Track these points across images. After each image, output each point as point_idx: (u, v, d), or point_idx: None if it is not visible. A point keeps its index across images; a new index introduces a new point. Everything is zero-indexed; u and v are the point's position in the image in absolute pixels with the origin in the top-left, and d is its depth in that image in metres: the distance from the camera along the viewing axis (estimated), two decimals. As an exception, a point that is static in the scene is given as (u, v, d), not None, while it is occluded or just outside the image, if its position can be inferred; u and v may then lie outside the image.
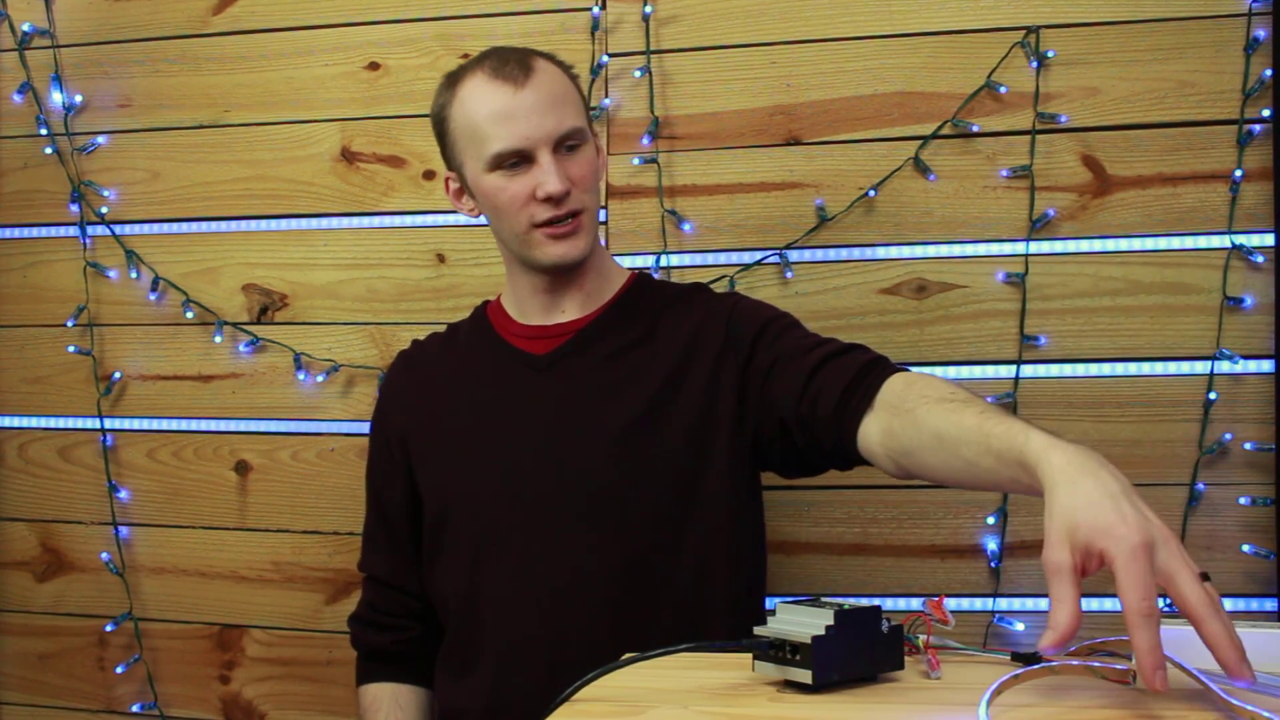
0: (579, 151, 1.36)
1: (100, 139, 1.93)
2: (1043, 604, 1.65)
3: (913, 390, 1.18)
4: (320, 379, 1.85)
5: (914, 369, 1.27)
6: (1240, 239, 1.61)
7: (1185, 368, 1.62)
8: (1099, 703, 0.92)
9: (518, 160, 1.34)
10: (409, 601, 1.49)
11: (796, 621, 0.99)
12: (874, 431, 1.20)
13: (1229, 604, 1.60)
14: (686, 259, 1.74)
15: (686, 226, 1.74)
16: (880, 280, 1.69)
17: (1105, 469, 0.91)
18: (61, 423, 1.95)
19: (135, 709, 1.92)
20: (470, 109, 1.35)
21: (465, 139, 1.36)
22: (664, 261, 1.74)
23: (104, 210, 1.92)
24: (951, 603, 1.60)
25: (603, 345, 1.40)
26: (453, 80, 1.39)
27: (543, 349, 1.41)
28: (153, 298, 1.91)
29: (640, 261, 1.75)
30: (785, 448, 1.33)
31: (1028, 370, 1.65)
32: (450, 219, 1.82)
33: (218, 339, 1.88)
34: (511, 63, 1.34)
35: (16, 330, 1.97)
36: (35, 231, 1.96)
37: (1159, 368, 1.63)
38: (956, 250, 1.68)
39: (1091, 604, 1.64)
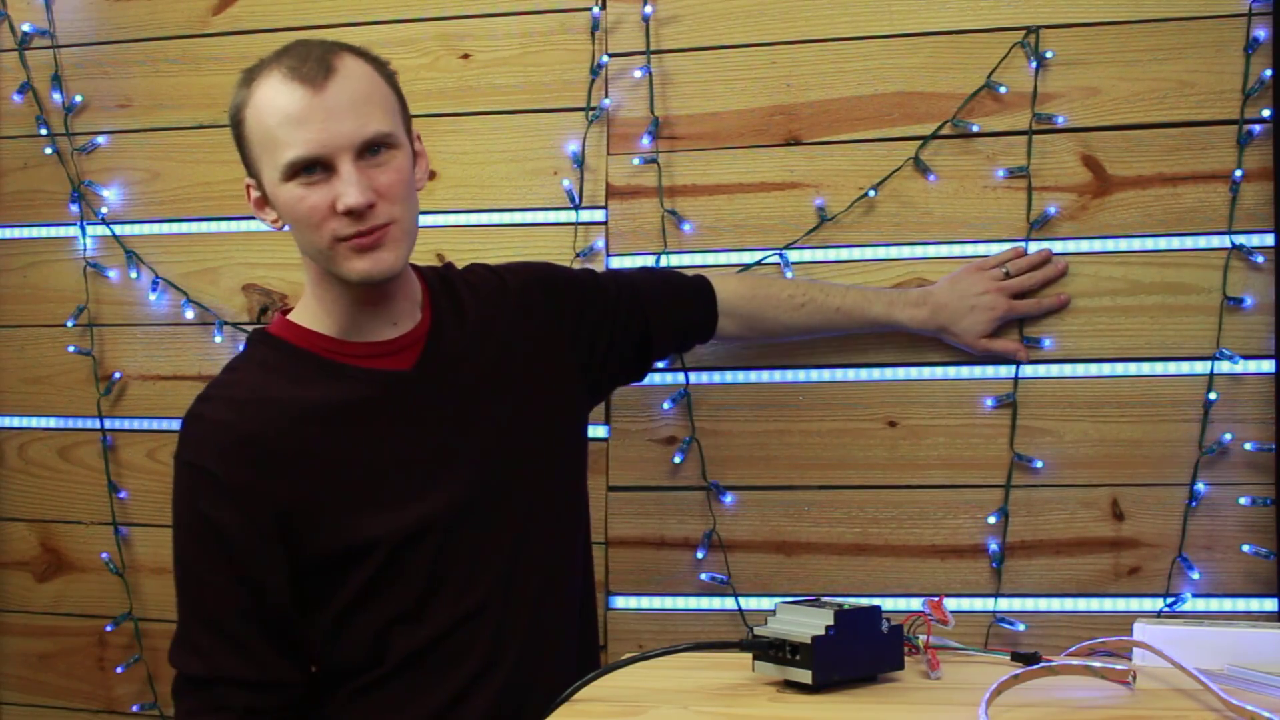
0: (388, 158, 1.26)
1: (100, 139, 1.93)
2: (1043, 604, 1.65)
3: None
4: (320, 379, 1.85)
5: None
6: (1240, 239, 1.61)
7: (1185, 368, 1.62)
8: (1099, 703, 0.92)
9: (315, 168, 1.23)
10: (291, 693, 1.32)
11: (796, 621, 1.00)
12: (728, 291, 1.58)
13: (1229, 604, 1.61)
14: (686, 259, 1.74)
15: (686, 226, 1.74)
16: (880, 280, 1.69)
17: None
18: (61, 423, 1.95)
19: (135, 709, 1.92)
20: (264, 112, 1.24)
21: (260, 145, 1.26)
22: (664, 261, 1.74)
23: (104, 210, 1.92)
24: (951, 603, 1.60)
25: (452, 345, 1.37)
26: (249, 77, 1.28)
27: (404, 363, 1.33)
28: (153, 298, 1.91)
29: (640, 262, 1.75)
30: (638, 350, 1.53)
31: (1028, 370, 1.65)
32: (450, 219, 1.82)
33: (218, 339, 1.88)
34: (311, 60, 1.24)
35: (16, 330, 1.97)
36: (35, 231, 1.96)
37: (1159, 368, 1.63)
38: (956, 250, 1.68)
39: (1092, 604, 1.64)
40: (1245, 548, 1.61)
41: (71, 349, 1.93)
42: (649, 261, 1.75)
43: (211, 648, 1.28)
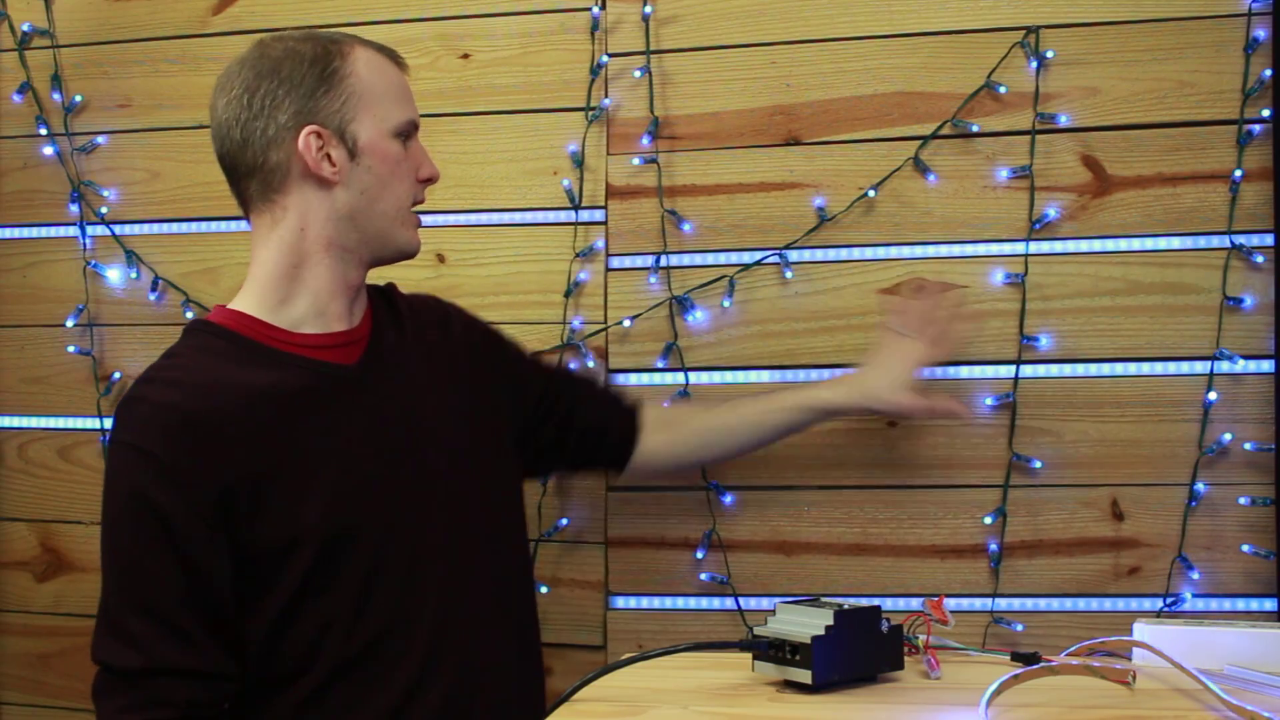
0: None
1: (100, 139, 1.93)
2: (1042, 604, 1.65)
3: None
4: (320, 379, 1.85)
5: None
6: (1240, 239, 1.61)
7: (1185, 368, 1.62)
8: (1099, 703, 0.93)
9: (409, 136, 1.36)
10: (229, 689, 1.27)
11: (796, 621, 1.00)
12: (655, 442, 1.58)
13: (1229, 604, 1.61)
14: (686, 259, 1.74)
15: (686, 226, 1.74)
16: (880, 280, 1.69)
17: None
18: (61, 423, 1.95)
19: (135, 709, 1.92)
20: (375, 72, 1.34)
21: (369, 96, 1.32)
22: (664, 261, 1.74)
23: (104, 210, 1.92)
24: (951, 603, 1.60)
25: (390, 348, 1.39)
26: (330, 40, 1.35)
27: (348, 358, 1.34)
28: (153, 298, 1.91)
29: (640, 262, 1.75)
30: (559, 427, 1.55)
31: (1028, 370, 1.65)
32: (450, 219, 1.82)
33: (218, 339, 1.88)
34: (389, 49, 1.39)
35: (16, 330, 1.97)
36: (35, 231, 1.96)
37: (1159, 368, 1.63)
38: (956, 250, 1.68)
39: (1091, 604, 1.64)
40: (1245, 548, 1.61)
41: (71, 349, 1.93)
42: (649, 261, 1.75)
43: (149, 637, 1.22)
